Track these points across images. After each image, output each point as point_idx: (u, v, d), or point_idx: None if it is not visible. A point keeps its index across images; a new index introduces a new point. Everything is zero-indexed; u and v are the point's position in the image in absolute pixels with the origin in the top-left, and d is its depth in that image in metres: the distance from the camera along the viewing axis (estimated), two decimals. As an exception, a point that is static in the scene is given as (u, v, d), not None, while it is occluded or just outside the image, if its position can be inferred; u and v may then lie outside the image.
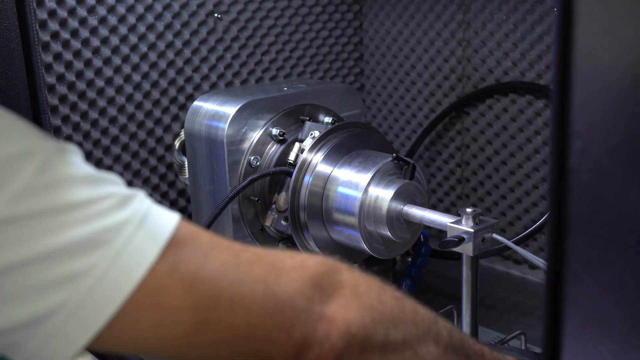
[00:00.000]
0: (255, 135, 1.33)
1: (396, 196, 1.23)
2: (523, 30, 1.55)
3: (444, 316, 1.39)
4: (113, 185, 0.69)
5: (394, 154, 1.26)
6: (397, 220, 1.24)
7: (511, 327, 1.37)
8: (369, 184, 1.24)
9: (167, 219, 0.69)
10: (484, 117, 1.68)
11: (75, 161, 0.68)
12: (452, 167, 1.79)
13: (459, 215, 1.17)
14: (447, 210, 1.81)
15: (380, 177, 1.25)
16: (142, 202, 0.69)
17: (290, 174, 1.28)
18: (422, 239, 1.42)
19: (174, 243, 0.68)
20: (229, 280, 0.70)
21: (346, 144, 1.28)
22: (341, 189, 1.27)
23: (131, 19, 1.49)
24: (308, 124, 1.35)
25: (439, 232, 1.81)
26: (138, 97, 1.53)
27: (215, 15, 1.62)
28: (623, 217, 0.51)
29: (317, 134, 1.31)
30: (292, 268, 0.75)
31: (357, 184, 1.25)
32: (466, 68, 1.69)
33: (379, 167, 1.25)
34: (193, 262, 0.68)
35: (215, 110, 1.34)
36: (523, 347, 1.29)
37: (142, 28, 1.51)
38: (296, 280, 0.74)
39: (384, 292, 0.81)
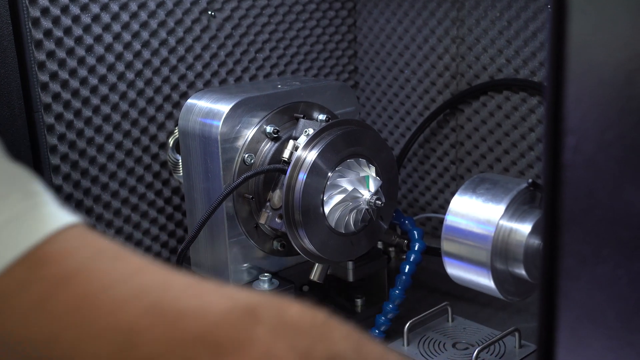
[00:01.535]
0: (249, 133, 1.33)
1: (534, 230, 1.08)
2: (517, 27, 1.55)
3: (438, 313, 1.40)
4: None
5: (530, 180, 1.12)
6: (534, 258, 1.09)
7: (506, 323, 1.38)
8: (502, 216, 1.09)
9: (38, 228, 0.57)
10: (478, 114, 1.68)
11: None
12: (446, 164, 1.79)
13: None
14: (441, 208, 1.81)
15: (514, 209, 1.11)
16: (16, 203, 0.57)
17: (284, 172, 1.28)
18: (416, 236, 1.42)
19: (33, 258, 0.56)
20: (69, 332, 0.56)
21: (340, 141, 1.28)
22: (465, 222, 1.13)
23: (125, 17, 1.49)
24: (302, 121, 1.35)
25: (433, 229, 1.81)
26: (132, 95, 1.53)
27: (209, 12, 1.62)
28: (617, 213, 0.51)
29: (311, 131, 1.31)
30: (181, 315, 0.57)
31: (487, 217, 1.10)
32: (460, 65, 1.69)
33: (513, 196, 1.10)
34: (38, 291, 0.56)
35: (209, 108, 1.34)
36: (517, 344, 1.29)
37: (135, 26, 1.51)
38: (178, 334, 0.56)
39: (311, 355, 0.61)
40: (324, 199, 1.27)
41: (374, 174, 1.32)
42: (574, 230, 0.53)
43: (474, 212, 1.12)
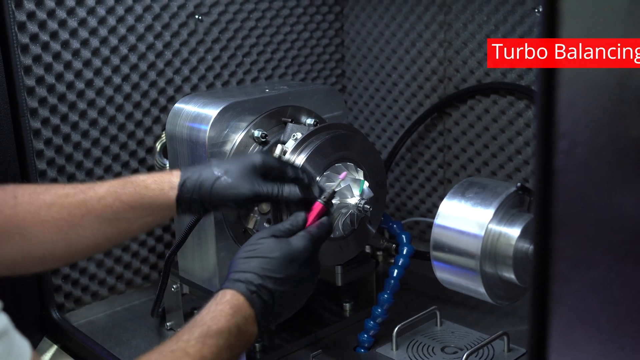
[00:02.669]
0: (237, 138, 1.32)
1: (523, 234, 1.07)
2: (504, 31, 1.56)
3: (426, 317, 1.40)
4: None
5: (519, 184, 1.12)
6: (523, 262, 1.08)
7: (494, 327, 1.38)
8: (491, 220, 1.09)
9: None
10: (466, 118, 1.69)
11: None
12: (434, 168, 1.79)
13: None
14: (428, 212, 1.82)
15: (503, 212, 1.10)
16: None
17: (272, 176, 1.27)
18: (404, 240, 1.42)
19: None
20: None
21: (328, 145, 1.28)
22: (454, 225, 1.13)
23: (111, 21, 1.48)
24: (290, 125, 1.35)
25: (421, 233, 1.81)
26: (119, 99, 1.52)
27: (196, 16, 1.61)
28: (609, 217, 0.51)
29: (299, 135, 1.30)
30: None
31: (476, 221, 1.10)
32: (447, 69, 1.69)
33: (502, 200, 1.10)
34: None
35: (197, 113, 1.34)
36: (506, 348, 1.29)
37: (122, 30, 1.50)
38: None
39: None
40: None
41: (362, 178, 1.32)
42: (566, 235, 0.53)
43: (463, 216, 1.12)
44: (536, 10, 1.49)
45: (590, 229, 0.52)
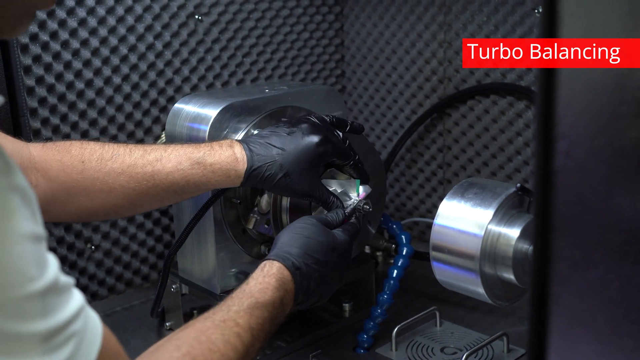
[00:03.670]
0: (237, 138, 1.32)
1: (522, 235, 1.08)
2: (504, 32, 1.56)
3: (426, 318, 1.40)
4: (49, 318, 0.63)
5: (519, 184, 1.12)
6: (522, 263, 1.09)
7: (493, 327, 1.38)
8: (490, 220, 1.09)
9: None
10: (465, 118, 1.69)
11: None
12: (433, 168, 1.79)
13: None
14: (428, 212, 1.82)
15: (503, 213, 1.11)
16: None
17: (272, 176, 1.27)
18: (404, 240, 1.42)
19: None
20: None
21: (328, 145, 1.28)
22: (453, 226, 1.13)
23: (111, 21, 1.48)
24: (290, 125, 1.35)
25: (421, 234, 1.81)
26: (118, 99, 1.52)
27: (196, 17, 1.61)
28: (607, 218, 0.51)
29: (299, 135, 1.30)
30: None
31: (476, 222, 1.10)
32: (447, 69, 1.69)
33: (501, 200, 1.10)
34: None
35: (197, 113, 1.34)
36: (505, 348, 1.29)
37: (122, 30, 1.50)
38: None
39: None
40: (312, 203, 1.27)
41: (362, 179, 1.32)
42: (565, 235, 0.53)
43: (462, 216, 1.12)
44: (536, 10, 1.49)
45: (589, 229, 0.52)
